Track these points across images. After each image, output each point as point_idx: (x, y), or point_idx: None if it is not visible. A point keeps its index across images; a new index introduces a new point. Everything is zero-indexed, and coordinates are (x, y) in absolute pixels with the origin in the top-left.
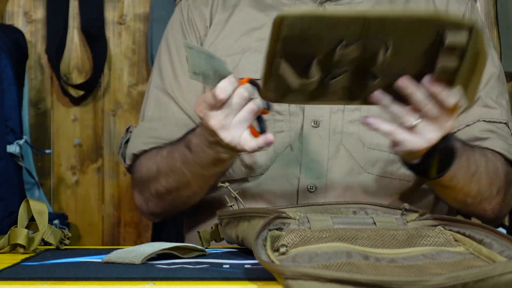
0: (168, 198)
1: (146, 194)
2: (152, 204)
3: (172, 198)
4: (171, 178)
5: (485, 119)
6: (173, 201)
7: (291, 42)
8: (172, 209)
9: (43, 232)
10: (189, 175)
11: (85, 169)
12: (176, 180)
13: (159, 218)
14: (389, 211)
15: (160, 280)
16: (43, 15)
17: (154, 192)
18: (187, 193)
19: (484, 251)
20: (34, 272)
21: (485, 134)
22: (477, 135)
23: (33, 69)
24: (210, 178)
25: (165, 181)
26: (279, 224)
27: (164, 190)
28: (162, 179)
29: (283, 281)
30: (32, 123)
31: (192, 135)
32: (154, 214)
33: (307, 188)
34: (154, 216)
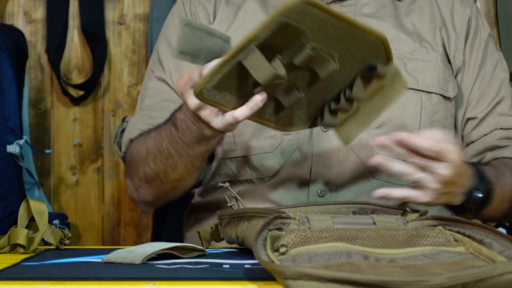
0: (157, 182)
1: (136, 180)
2: (142, 191)
3: (160, 182)
4: (159, 159)
5: (502, 126)
6: (162, 186)
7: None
8: (162, 196)
9: (43, 232)
10: (175, 155)
11: (85, 169)
12: (163, 161)
13: (151, 206)
14: (389, 211)
15: (160, 280)
16: (43, 15)
17: (143, 176)
18: (174, 176)
19: (484, 251)
20: (34, 272)
21: (503, 142)
22: (495, 143)
23: (33, 69)
24: (196, 159)
25: (153, 162)
26: (279, 224)
27: (152, 173)
28: (150, 160)
29: (283, 281)
30: (32, 123)
31: (178, 111)
32: (145, 202)
33: (317, 193)
34: (145, 204)
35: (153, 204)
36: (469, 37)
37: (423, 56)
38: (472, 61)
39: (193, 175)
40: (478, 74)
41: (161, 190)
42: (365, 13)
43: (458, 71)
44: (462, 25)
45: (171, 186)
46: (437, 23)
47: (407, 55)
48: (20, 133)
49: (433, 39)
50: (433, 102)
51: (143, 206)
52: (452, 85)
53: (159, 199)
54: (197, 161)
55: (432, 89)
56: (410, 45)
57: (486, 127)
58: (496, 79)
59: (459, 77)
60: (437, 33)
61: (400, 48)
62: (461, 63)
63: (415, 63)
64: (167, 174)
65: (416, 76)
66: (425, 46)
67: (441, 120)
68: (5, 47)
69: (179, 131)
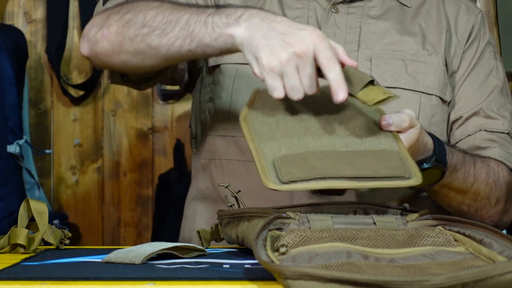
0: (132, 31)
1: (113, 16)
2: (106, 32)
3: (134, 35)
4: (159, 16)
5: (486, 129)
6: (130, 41)
7: None
8: (116, 52)
9: (43, 232)
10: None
11: (85, 169)
12: (162, 20)
13: (92, 55)
14: (389, 211)
15: (160, 280)
16: (43, 15)
17: (125, 16)
18: (154, 44)
19: (484, 251)
20: (34, 272)
21: (485, 143)
22: (477, 144)
23: (33, 69)
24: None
25: (151, 14)
26: (279, 224)
27: (141, 20)
28: (149, 10)
29: (283, 281)
30: (32, 123)
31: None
32: (94, 46)
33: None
34: (89, 49)
35: (96, 53)
36: (467, 44)
37: (425, 58)
38: (465, 64)
39: (157, 59)
40: (468, 77)
41: (126, 43)
42: (372, 15)
43: (452, 75)
44: (465, 32)
45: (136, 49)
46: (443, 27)
47: (409, 56)
48: (20, 133)
49: (437, 41)
50: (432, 104)
51: (86, 48)
52: (449, 89)
53: (108, 53)
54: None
55: (432, 91)
56: (413, 47)
57: (471, 127)
58: (488, 85)
59: (452, 80)
60: (442, 36)
61: (403, 49)
62: (456, 68)
63: (416, 64)
64: (152, 34)
65: (417, 78)
66: (427, 49)
67: (439, 123)
68: (5, 47)
69: (218, 11)
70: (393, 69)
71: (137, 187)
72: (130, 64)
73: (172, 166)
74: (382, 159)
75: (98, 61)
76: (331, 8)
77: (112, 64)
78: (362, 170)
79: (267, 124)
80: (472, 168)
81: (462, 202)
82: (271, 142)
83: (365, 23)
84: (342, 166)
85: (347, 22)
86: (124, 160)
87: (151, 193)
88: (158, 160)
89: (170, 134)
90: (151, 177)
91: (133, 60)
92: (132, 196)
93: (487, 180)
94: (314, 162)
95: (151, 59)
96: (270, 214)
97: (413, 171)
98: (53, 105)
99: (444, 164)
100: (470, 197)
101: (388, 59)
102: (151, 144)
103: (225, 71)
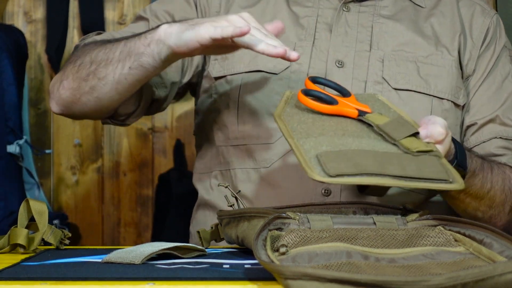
0: (83, 72)
1: (68, 67)
2: (65, 83)
3: (86, 74)
4: (102, 51)
5: (501, 136)
6: (84, 81)
7: None
8: (76, 97)
9: (43, 232)
10: (119, 55)
11: (85, 169)
12: (105, 53)
13: (63, 109)
14: (389, 211)
15: (160, 280)
16: (43, 15)
17: (76, 62)
18: (102, 74)
19: (484, 251)
20: (34, 272)
21: (500, 151)
22: (492, 151)
23: (33, 69)
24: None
25: (96, 52)
26: (279, 224)
27: (88, 60)
28: (95, 50)
29: (283, 281)
30: (32, 123)
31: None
32: (60, 100)
33: (322, 192)
34: (58, 105)
35: (65, 105)
36: (482, 46)
37: (438, 61)
38: (481, 69)
39: (109, 90)
40: (484, 82)
41: (82, 85)
42: (384, 14)
43: (467, 79)
44: (480, 34)
45: (90, 86)
46: (457, 29)
47: (422, 59)
48: (20, 133)
49: (451, 43)
50: (444, 108)
51: (56, 108)
52: (463, 93)
53: (73, 100)
54: (126, 86)
55: (444, 95)
56: (426, 49)
57: (486, 134)
58: (504, 90)
59: (466, 84)
60: (455, 38)
61: (416, 51)
62: (472, 72)
63: (429, 67)
64: (99, 67)
65: (429, 81)
66: (441, 51)
67: (451, 127)
68: (5, 47)
69: (143, 38)
70: (405, 71)
71: (137, 187)
72: (90, 104)
73: (172, 166)
74: (423, 163)
75: (69, 112)
76: (342, 6)
77: (79, 110)
78: (407, 170)
79: (304, 122)
80: (490, 174)
81: (477, 209)
82: (310, 139)
83: (377, 23)
84: (386, 165)
85: (359, 21)
86: (124, 160)
87: (151, 193)
88: (158, 160)
89: (170, 134)
90: (151, 177)
91: (91, 99)
92: (132, 196)
93: (503, 187)
94: (358, 159)
95: (103, 92)
96: (270, 214)
97: (455, 177)
98: None
99: (465, 168)
100: (485, 203)
101: (400, 61)
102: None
103: (231, 81)
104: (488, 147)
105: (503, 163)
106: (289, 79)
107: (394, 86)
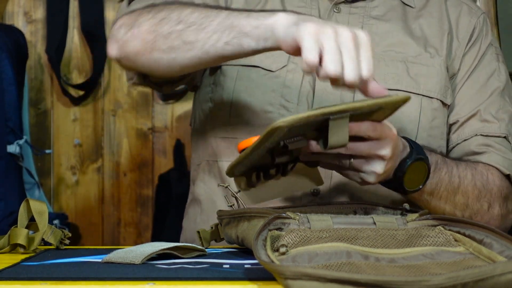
0: (165, 28)
1: (143, 14)
2: (137, 31)
3: (168, 32)
4: (196, 14)
5: (482, 133)
6: (164, 38)
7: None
8: (147, 52)
9: (43, 232)
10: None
11: (85, 169)
12: (199, 16)
13: (122, 57)
14: (389, 211)
15: (160, 280)
16: (43, 15)
17: (158, 14)
18: (190, 39)
19: (484, 251)
20: (34, 272)
21: (481, 148)
22: (473, 149)
23: (33, 69)
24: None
25: (188, 12)
26: (279, 224)
27: (175, 17)
28: (184, 8)
29: (283, 281)
30: (32, 123)
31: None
32: (124, 46)
33: (311, 192)
34: (118, 50)
35: (126, 54)
36: (468, 45)
37: (427, 61)
38: (465, 67)
39: (190, 57)
40: (468, 80)
41: (159, 41)
42: (374, 15)
43: (452, 78)
44: (466, 34)
45: (170, 46)
46: (445, 29)
47: (411, 58)
48: (20, 133)
49: (439, 44)
50: (433, 107)
51: (115, 50)
52: (450, 93)
53: (140, 52)
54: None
55: (433, 94)
56: (415, 49)
57: (467, 132)
58: (489, 87)
59: (452, 83)
60: (444, 39)
61: (405, 51)
62: (456, 70)
63: (418, 67)
64: (188, 29)
65: (418, 80)
66: (429, 52)
67: (440, 126)
68: (5, 47)
69: (253, 18)
70: (394, 71)
71: (137, 187)
72: (161, 63)
73: (172, 166)
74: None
75: (128, 62)
76: (333, 7)
77: (143, 63)
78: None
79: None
80: (455, 168)
81: (455, 207)
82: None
83: (367, 24)
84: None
85: (349, 22)
86: (124, 160)
87: (151, 193)
88: (158, 160)
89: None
90: (151, 177)
91: (165, 58)
92: (132, 196)
93: (474, 182)
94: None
95: (183, 56)
96: (270, 214)
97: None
98: (53, 105)
99: (426, 157)
100: (460, 201)
101: (389, 61)
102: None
103: (226, 72)
104: (468, 145)
105: (477, 161)
106: (285, 78)
107: (384, 87)
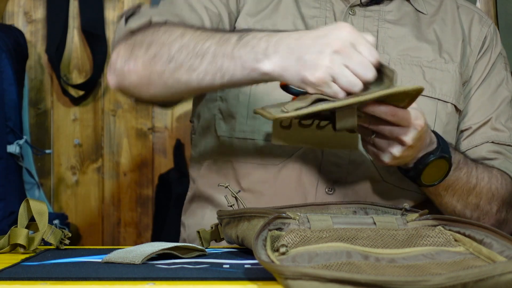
0: (158, 66)
1: (137, 48)
2: (133, 65)
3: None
4: (184, 51)
5: (493, 140)
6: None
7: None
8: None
9: (43, 232)
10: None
11: (85, 169)
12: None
13: (121, 88)
14: (389, 211)
15: (160, 280)
16: (43, 15)
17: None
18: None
19: (484, 251)
20: (34, 272)
21: (492, 155)
22: (485, 155)
23: (33, 69)
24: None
25: (176, 48)
26: (279, 224)
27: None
28: (173, 43)
29: (283, 281)
30: (32, 123)
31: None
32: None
33: (325, 191)
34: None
35: (126, 87)
36: (479, 54)
37: (442, 66)
38: (477, 75)
39: (188, 93)
40: (479, 88)
41: (153, 77)
42: (389, 19)
43: (463, 85)
44: (478, 42)
45: (164, 83)
46: (459, 36)
47: (426, 63)
48: (20, 133)
49: (454, 50)
50: (448, 112)
51: (115, 81)
52: (462, 98)
53: (139, 85)
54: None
55: (448, 99)
56: (430, 54)
57: (478, 138)
58: (498, 96)
59: (463, 90)
60: (458, 45)
61: (420, 56)
62: (468, 78)
63: (433, 71)
64: (180, 69)
65: (434, 85)
66: (444, 57)
67: (451, 131)
68: (5, 47)
69: (241, 42)
70: (410, 75)
71: (137, 187)
72: (160, 97)
73: (172, 166)
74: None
75: (128, 93)
76: (348, 10)
77: (143, 96)
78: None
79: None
80: (474, 169)
81: (466, 206)
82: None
83: (382, 27)
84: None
85: (364, 25)
86: (124, 160)
87: (151, 193)
88: (158, 160)
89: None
90: (151, 177)
91: (163, 93)
92: (132, 196)
93: (489, 185)
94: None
95: (181, 92)
96: (270, 214)
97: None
98: (53, 105)
99: (450, 156)
100: (472, 202)
101: (405, 65)
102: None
103: None
104: (479, 151)
105: (491, 166)
106: None
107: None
